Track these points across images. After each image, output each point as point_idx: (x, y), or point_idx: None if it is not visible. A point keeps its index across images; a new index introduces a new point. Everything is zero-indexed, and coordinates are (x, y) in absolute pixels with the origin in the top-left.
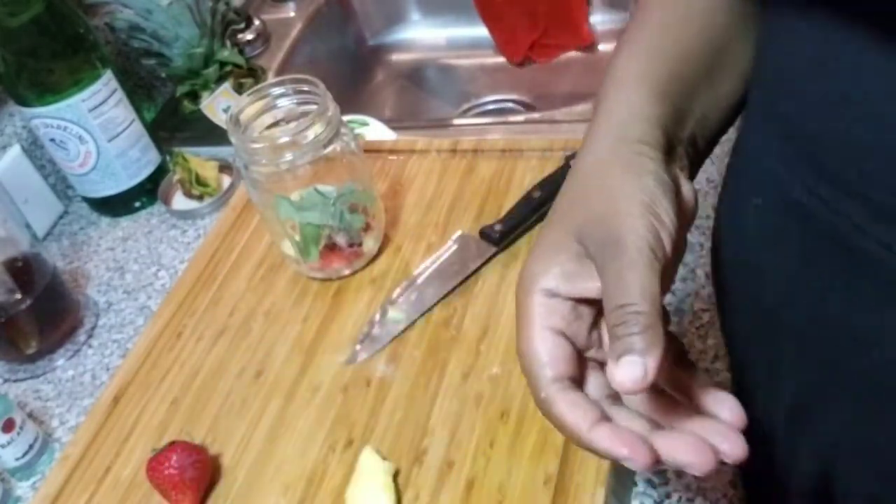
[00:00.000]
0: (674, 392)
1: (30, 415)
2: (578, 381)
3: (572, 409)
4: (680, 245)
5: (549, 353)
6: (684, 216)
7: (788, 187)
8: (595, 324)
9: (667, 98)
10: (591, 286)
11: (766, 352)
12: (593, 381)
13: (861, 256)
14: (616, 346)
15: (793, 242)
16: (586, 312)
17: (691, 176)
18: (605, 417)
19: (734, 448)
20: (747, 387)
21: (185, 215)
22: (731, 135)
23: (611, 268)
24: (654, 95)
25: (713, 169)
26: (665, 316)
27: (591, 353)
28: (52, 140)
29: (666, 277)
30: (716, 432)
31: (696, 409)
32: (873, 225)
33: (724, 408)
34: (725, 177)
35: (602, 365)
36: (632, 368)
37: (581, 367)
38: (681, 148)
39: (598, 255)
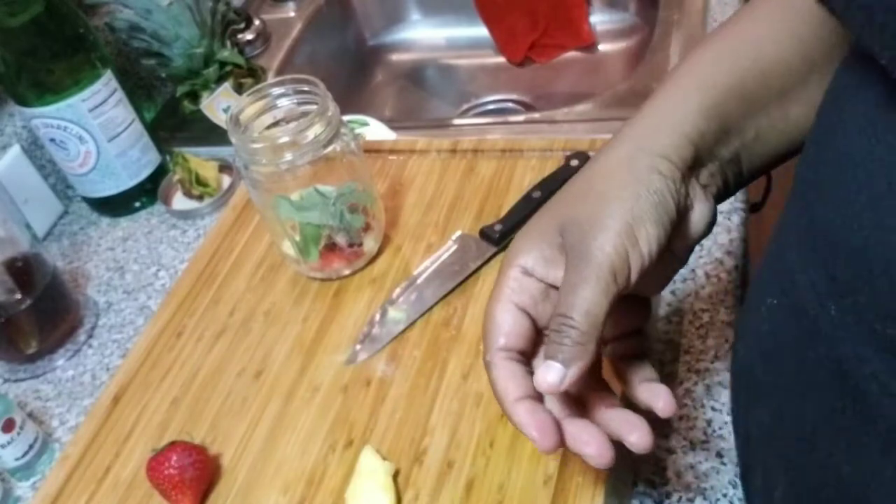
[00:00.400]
0: (619, 380)
1: (30, 415)
2: (529, 354)
3: (506, 378)
4: (672, 260)
5: (507, 325)
6: (687, 237)
7: (801, 293)
8: None
9: (717, 113)
10: (561, 276)
11: (763, 472)
12: (542, 356)
13: (857, 394)
14: (547, 348)
15: (792, 359)
16: (555, 295)
17: (727, 195)
18: (534, 395)
19: (641, 439)
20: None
21: (185, 215)
22: None
23: (569, 276)
24: (704, 107)
25: None
26: (646, 311)
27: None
28: (52, 140)
29: (649, 286)
30: (627, 423)
31: (628, 398)
32: (875, 360)
33: (660, 400)
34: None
35: None
36: (551, 373)
37: (536, 342)
38: (713, 166)
39: (568, 255)
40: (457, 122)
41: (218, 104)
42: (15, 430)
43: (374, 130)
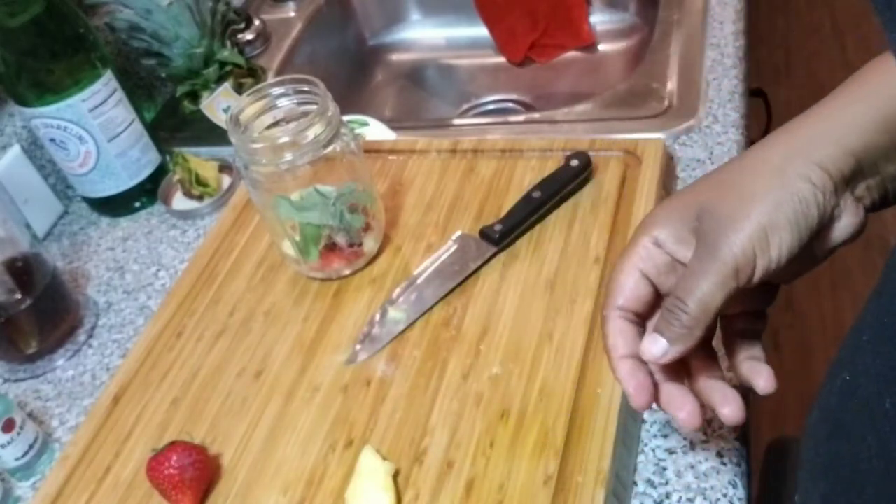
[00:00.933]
0: (727, 352)
1: (30, 415)
2: (646, 316)
3: (617, 335)
4: (811, 257)
5: (627, 288)
6: (828, 242)
7: (868, 377)
8: None
9: (890, 127)
10: (688, 255)
11: None
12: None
13: None
14: (658, 321)
15: (848, 445)
16: (680, 269)
17: (884, 206)
18: (639, 356)
19: (733, 412)
20: None
21: (185, 215)
22: None
23: (693, 263)
24: (876, 120)
25: None
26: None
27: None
28: (52, 140)
29: (780, 277)
30: (723, 395)
31: (727, 370)
32: None
33: (761, 378)
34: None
35: None
36: (656, 346)
37: (655, 305)
38: (874, 179)
39: (698, 242)
40: (457, 122)
41: (218, 104)
42: (15, 430)
43: (374, 130)
